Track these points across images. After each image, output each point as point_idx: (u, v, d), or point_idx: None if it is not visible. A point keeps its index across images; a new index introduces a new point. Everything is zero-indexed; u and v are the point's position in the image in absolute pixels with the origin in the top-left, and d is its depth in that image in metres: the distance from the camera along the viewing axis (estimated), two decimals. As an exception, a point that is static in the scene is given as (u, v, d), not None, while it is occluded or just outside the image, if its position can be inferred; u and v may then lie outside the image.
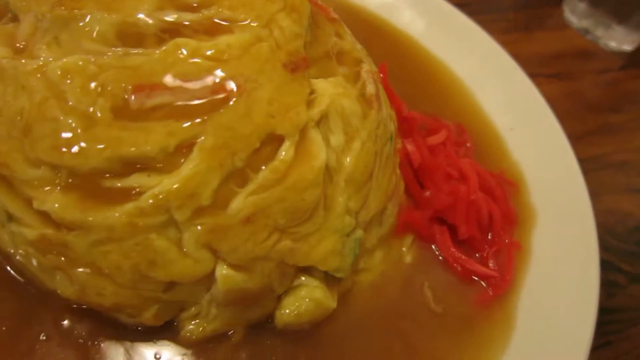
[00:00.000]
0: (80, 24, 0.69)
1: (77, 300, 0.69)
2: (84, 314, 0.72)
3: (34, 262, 0.69)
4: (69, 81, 0.65)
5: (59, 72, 0.65)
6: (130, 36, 0.69)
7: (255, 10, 0.74)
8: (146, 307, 0.69)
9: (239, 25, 0.72)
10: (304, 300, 0.75)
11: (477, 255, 0.91)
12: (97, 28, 0.69)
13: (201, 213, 0.65)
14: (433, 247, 0.92)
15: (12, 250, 0.71)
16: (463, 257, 0.89)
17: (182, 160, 0.65)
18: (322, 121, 0.73)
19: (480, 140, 1.10)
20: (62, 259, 0.66)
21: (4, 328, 0.69)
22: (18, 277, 0.73)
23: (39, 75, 0.66)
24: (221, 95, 0.66)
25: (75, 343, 0.70)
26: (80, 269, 0.66)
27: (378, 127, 0.80)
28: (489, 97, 1.16)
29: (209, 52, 0.68)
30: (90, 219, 0.63)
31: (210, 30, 0.71)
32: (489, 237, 0.93)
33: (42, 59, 0.69)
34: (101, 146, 0.63)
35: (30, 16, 0.74)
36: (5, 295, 0.72)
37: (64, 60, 0.66)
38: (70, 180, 0.65)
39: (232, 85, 0.67)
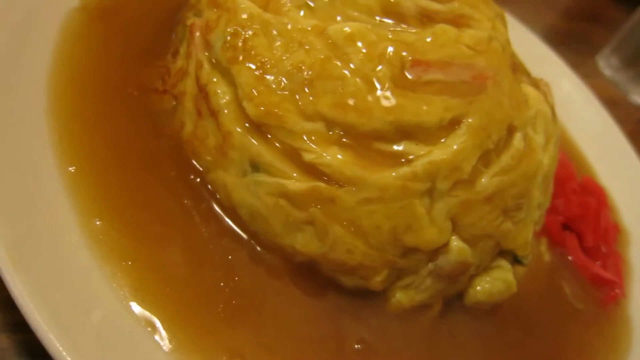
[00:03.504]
0: (344, -7, 0.73)
1: (317, 256, 0.70)
2: (307, 272, 0.73)
3: (280, 214, 0.69)
4: (352, 45, 0.68)
5: (344, 35, 0.68)
6: (394, 13, 0.74)
7: (484, 12, 0.81)
8: (380, 270, 0.71)
9: (475, 22, 0.78)
10: (498, 281, 0.81)
11: (597, 262, 1.03)
12: (361, 0, 0.73)
13: (458, 186, 0.69)
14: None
15: (247, 201, 0.71)
16: (592, 262, 0.99)
17: (445, 135, 0.70)
18: (532, 121, 0.81)
19: (573, 165, 1.23)
20: (323, 213, 0.67)
21: (236, 278, 0.69)
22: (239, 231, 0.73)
23: (319, 34, 0.69)
24: (480, 82, 0.72)
25: (302, 299, 0.71)
26: (338, 225, 0.68)
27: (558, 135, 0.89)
28: (577, 128, 1.30)
29: (468, 41, 0.73)
30: (367, 177, 0.66)
31: (454, 22, 0.77)
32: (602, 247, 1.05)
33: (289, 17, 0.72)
34: (386, 110, 0.66)
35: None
36: (234, 247, 0.71)
37: (348, 24, 0.69)
38: (343, 138, 0.67)
39: (487, 74, 0.73)
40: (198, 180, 0.74)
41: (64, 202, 0.65)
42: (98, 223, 0.65)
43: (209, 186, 0.75)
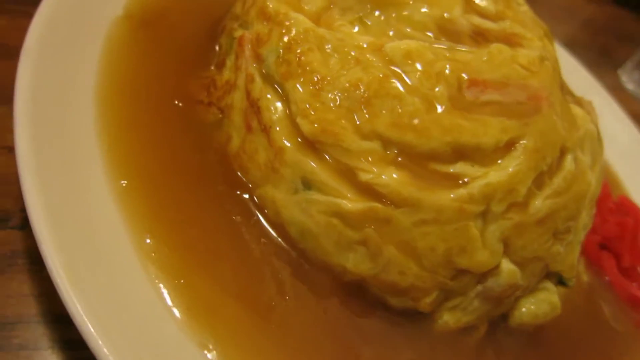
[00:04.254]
0: (405, 12, 0.72)
1: (368, 277, 0.69)
2: (355, 291, 0.72)
3: (332, 234, 0.68)
4: (410, 63, 0.67)
5: (402, 53, 0.67)
6: (449, 32, 0.73)
7: (534, 30, 0.80)
8: (430, 292, 0.70)
9: (527, 41, 0.78)
10: (544, 302, 0.80)
11: (634, 283, 1.02)
12: (417, 17, 0.72)
13: (513, 208, 0.69)
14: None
15: (297, 219, 0.69)
16: (629, 282, 0.98)
17: (500, 157, 0.69)
18: (581, 142, 0.80)
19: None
20: (378, 234, 0.66)
21: (287, 297, 0.68)
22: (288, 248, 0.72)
23: (376, 51, 0.68)
24: (535, 103, 0.71)
25: (351, 319, 0.70)
26: (392, 246, 0.66)
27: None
28: (605, 144, 1.29)
29: (522, 61, 0.73)
30: (424, 198, 0.65)
31: (506, 40, 0.76)
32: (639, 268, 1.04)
33: (344, 32, 0.71)
34: (444, 130, 0.65)
35: (327, -9, 0.76)
36: (283, 264, 0.70)
37: (405, 42, 0.68)
38: (399, 158, 0.66)
39: (542, 95, 0.72)
40: (245, 195, 0.74)
41: (116, 219, 0.63)
42: (149, 240, 0.64)
43: (256, 199, 0.74)
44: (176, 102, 0.78)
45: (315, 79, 0.68)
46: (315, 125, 0.66)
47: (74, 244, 0.58)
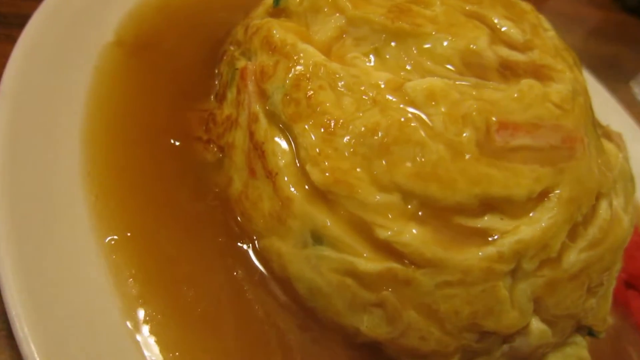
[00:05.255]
0: (426, 44, 0.65)
1: (385, 341, 0.62)
2: (368, 353, 0.65)
3: (345, 294, 0.61)
4: (433, 105, 0.60)
5: (424, 93, 0.60)
6: (474, 65, 0.66)
7: (565, 59, 0.73)
8: (453, 355, 0.64)
9: (557, 74, 0.71)
10: (572, 358, 0.73)
11: (661, 323, 0.95)
12: (439, 50, 0.65)
13: (546, 265, 0.62)
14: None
15: (306, 275, 0.62)
16: (657, 324, 0.92)
17: (532, 208, 0.62)
18: (615, 184, 0.74)
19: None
20: (397, 297, 0.59)
21: (295, 364, 0.61)
22: (293, 306, 0.65)
23: (395, 91, 0.61)
24: (569, 146, 0.65)
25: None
26: (412, 310, 0.60)
27: (635, 193, 0.82)
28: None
29: (554, 99, 0.66)
30: (449, 258, 0.58)
31: (536, 74, 0.69)
32: (665, 306, 0.98)
33: (361, 68, 0.64)
34: (472, 181, 0.58)
35: (339, 19, 0.69)
36: (290, 326, 0.63)
37: (428, 80, 0.61)
38: (420, 212, 0.59)
39: (576, 136, 0.65)
40: (247, 246, 0.66)
41: (104, 283, 0.56)
42: (142, 308, 0.57)
43: (257, 247, 0.67)
44: (172, 140, 0.71)
45: (327, 121, 0.60)
46: (327, 174, 0.59)
47: (53, 317, 0.51)
